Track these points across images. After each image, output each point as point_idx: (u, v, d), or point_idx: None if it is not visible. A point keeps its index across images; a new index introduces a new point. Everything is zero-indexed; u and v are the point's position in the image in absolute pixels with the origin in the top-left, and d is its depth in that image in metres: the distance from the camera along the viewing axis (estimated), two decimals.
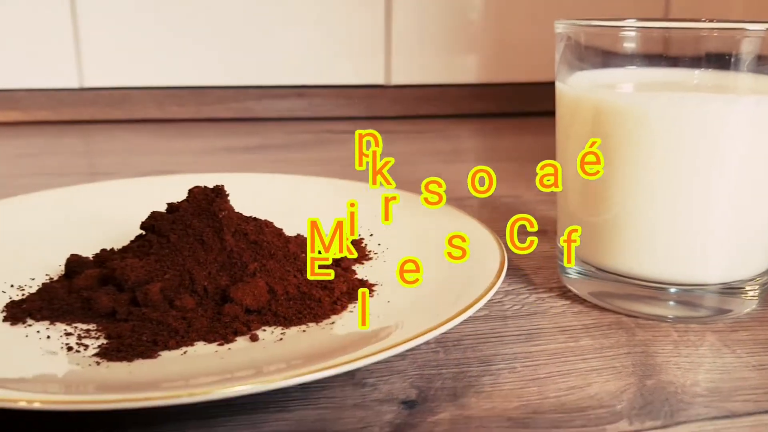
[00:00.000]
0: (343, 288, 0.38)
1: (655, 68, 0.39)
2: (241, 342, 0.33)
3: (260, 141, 0.83)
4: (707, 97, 0.37)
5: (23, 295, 0.38)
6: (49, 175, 0.68)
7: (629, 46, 0.39)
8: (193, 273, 0.37)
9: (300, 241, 0.41)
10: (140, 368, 0.31)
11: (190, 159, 0.74)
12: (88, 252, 0.42)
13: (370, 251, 0.44)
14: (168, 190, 0.51)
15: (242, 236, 0.39)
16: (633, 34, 0.38)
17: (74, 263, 0.40)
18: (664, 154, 0.36)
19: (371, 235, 0.46)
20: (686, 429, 0.29)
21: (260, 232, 0.40)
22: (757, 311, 0.39)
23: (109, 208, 0.49)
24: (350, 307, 0.37)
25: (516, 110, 1.00)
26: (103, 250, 0.42)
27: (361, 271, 0.41)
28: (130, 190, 0.52)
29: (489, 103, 1.01)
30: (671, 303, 0.38)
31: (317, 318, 0.35)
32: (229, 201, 0.40)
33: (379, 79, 0.99)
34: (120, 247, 0.41)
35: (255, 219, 0.40)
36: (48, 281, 0.40)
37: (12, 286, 0.39)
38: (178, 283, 0.36)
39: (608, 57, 0.40)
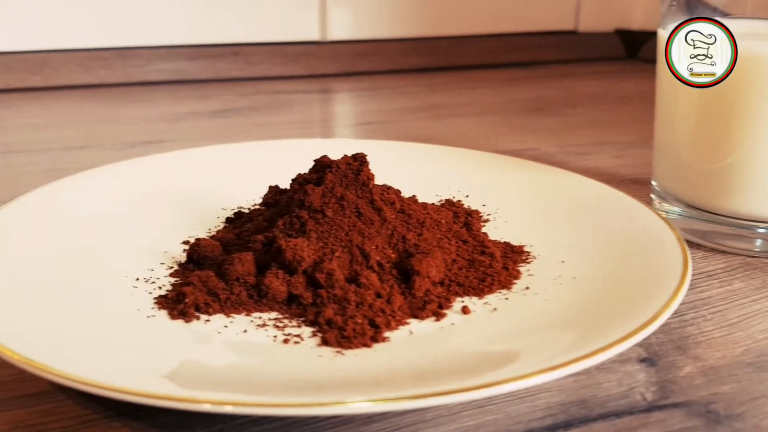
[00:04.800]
0: (497, 251, 0.37)
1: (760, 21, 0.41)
2: (454, 316, 0.32)
3: (220, 104, 0.78)
4: None
5: (161, 288, 0.34)
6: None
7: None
8: (364, 248, 0.34)
9: (434, 208, 0.40)
10: (382, 355, 0.28)
11: (163, 127, 0.68)
12: (178, 234, 0.39)
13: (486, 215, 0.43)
14: (229, 161, 0.48)
15: (391, 206, 0.36)
16: None
17: (203, 248, 0.36)
18: None
19: (484, 205, 0.45)
20: None
21: (402, 200, 0.38)
22: None
23: (185, 183, 0.44)
24: (523, 271, 0.36)
25: (452, 64, 1.00)
26: (222, 231, 0.38)
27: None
28: (197, 163, 0.48)
29: (425, 57, 1.00)
30: None
31: (503, 284, 0.34)
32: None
33: (314, 35, 0.96)
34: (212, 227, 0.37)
35: (389, 187, 0.38)
36: (173, 270, 0.35)
37: (138, 279, 0.34)
38: (349, 260, 0.34)
39: (712, 8, 0.42)
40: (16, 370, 0.29)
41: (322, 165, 0.37)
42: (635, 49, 1.08)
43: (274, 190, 0.40)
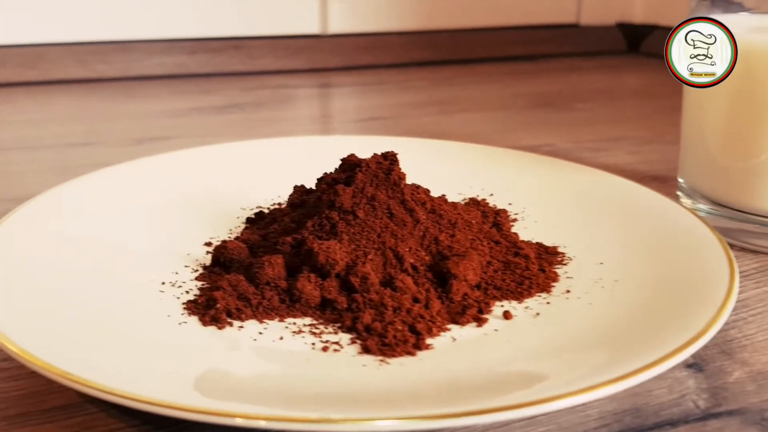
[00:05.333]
0: (531, 253, 0.36)
1: None
2: (496, 322, 0.30)
3: (224, 100, 0.76)
4: None
5: (188, 292, 0.32)
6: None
7: None
8: (398, 251, 0.33)
9: (464, 208, 0.38)
10: (429, 364, 0.27)
11: (169, 123, 0.67)
12: (200, 235, 0.38)
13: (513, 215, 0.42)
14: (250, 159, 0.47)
15: (422, 206, 0.35)
16: None
17: (230, 251, 0.34)
18: None
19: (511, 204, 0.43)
20: None
21: (433, 200, 0.36)
22: None
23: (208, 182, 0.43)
24: (561, 274, 0.35)
25: (454, 57, 0.99)
26: (246, 232, 0.37)
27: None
28: (211, 160, 0.47)
29: (427, 51, 0.99)
30: None
31: (541, 287, 0.33)
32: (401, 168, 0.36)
33: (314, 29, 0.94)
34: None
35: (418, 186, 0.37)
36: (198, 273, 0.34)
37: (164, 283, 0.33)
38: (383, 263, 0.33)
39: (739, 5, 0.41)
40: (43, 380, 0.28)
41: (351, 164, 0.36)
42: (637, 42, 1.07)
43: (299, 190, 0.39)
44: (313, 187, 0.38)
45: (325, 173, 0.37)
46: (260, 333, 0.29)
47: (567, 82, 0.90)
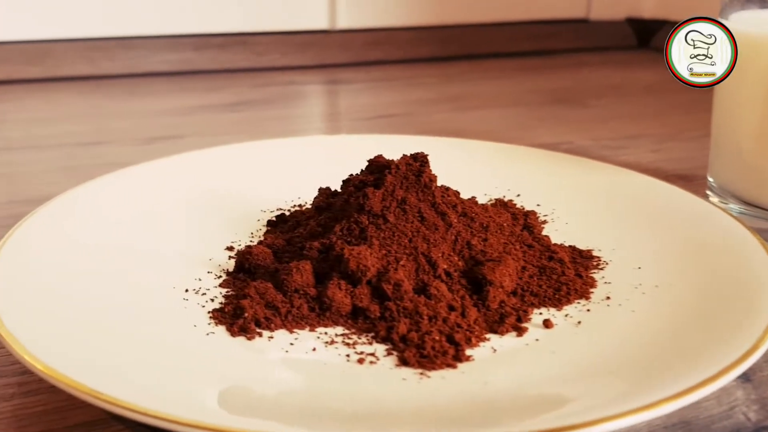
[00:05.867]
0: (566, 257, 0.35)
1: None
2: (536, 331, 0.29)
3: (233, 97, 0.75)
4: None
5: (213, 300, 0.31)
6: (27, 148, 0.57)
7: None
8: (431, 256, 0.32)
9: (494, 210, 0.37)
10: (472, 378, 0.26)
11: (178, 121, 0.65)
12: (221, 239, 0.37)
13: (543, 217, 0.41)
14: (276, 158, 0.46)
15: (453, 209, 0.34)
16: None
17: (255, 256, 0.33)
18: None
19: (538, 205, 0.42)
20: None
21: (463, 202, 0.35)
22: None
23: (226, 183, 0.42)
24: (598, 279, 0.33)
25: (463, 53, 0.98)
26: (270, 237, 0.36)
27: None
28: (227, 161, 0.46)
29: (436, 46, 0.98)
30: None
31: (580, 294, 0.32)
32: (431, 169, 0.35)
33: (322, 24, 0.93)
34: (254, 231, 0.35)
35: (448, 188, 0.36)
36: (222, 280, 0.33)
37: (187, 290, 0.32)
38: (415, 269, 0.31)
39: None
40: (64, 395, 0.27)
41: (379, 166, 0.35)
42: (647, 37, 1.06)
43: (325, 193, 0.37)
44: (338, 189, 0.37)
45: (351, 175, 0.36)
46: (291, 344, 0.28)
47: (578, 77, 0.89)
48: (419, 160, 0.34)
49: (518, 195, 0.42)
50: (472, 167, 0.45)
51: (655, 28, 1.04)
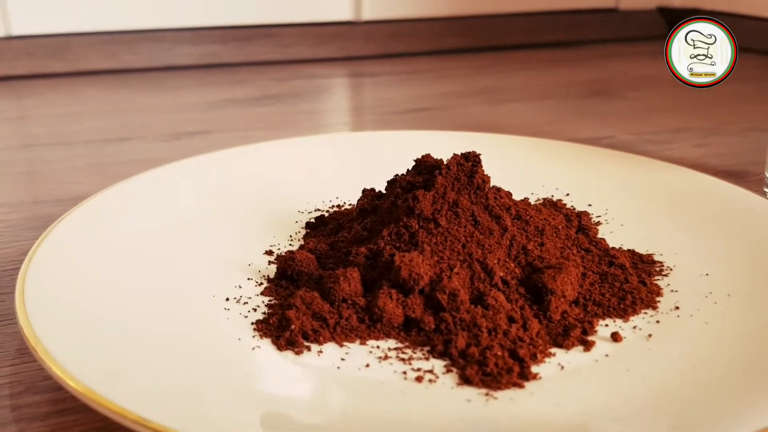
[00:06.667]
0: (626, 262, 0.33)
1: None
2: (604, 345, 0.27)
3: (258, 90, 0.73)
4: None
5: (255, 309, 0.29)
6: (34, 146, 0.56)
7: None
8: (486, 263, 0.30)
9: (548, 212, 0.35)
10: (543, 399, 0.24)
11: (204, 116, 0.64)
12: (259, 243, 0.35)
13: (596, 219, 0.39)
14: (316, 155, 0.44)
15: (507, 212, 0.32)
16: None
17: (298, 262, 0.31)
18: None
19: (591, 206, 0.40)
20: None
21: (517, 205, 0.33)
22: None
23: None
24: (663, 286, 0.31)
25: (490, 44, 0.96)
26: (311, 240, 0.34)
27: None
28: (260, 158, 0.44)
29: (462, 37, 0.95)
30: None
31: (646, 303, 0.30)
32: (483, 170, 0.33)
33: (347, 15, 0.91)
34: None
35: (499, 189, 0.34)
36: (263, 287, 0.31)
37: (228, 299, 0.30)
38: (470, 277, 0.30)
39: None
40: (99, 416, 0.25)
41: (428, 166, 0.33)
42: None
43: (370, 194, 0.35)
44: (383, 191, 0.35)
45: (397, 175, 0.34)
46: (342, 359, 0.26)
47: (610, 69, 0.86)
48: (471, 160, 0.32)
49: (567, 194, 0.40)
50: (516, 165, 0.43)
51: (686, 16, 1.02)
